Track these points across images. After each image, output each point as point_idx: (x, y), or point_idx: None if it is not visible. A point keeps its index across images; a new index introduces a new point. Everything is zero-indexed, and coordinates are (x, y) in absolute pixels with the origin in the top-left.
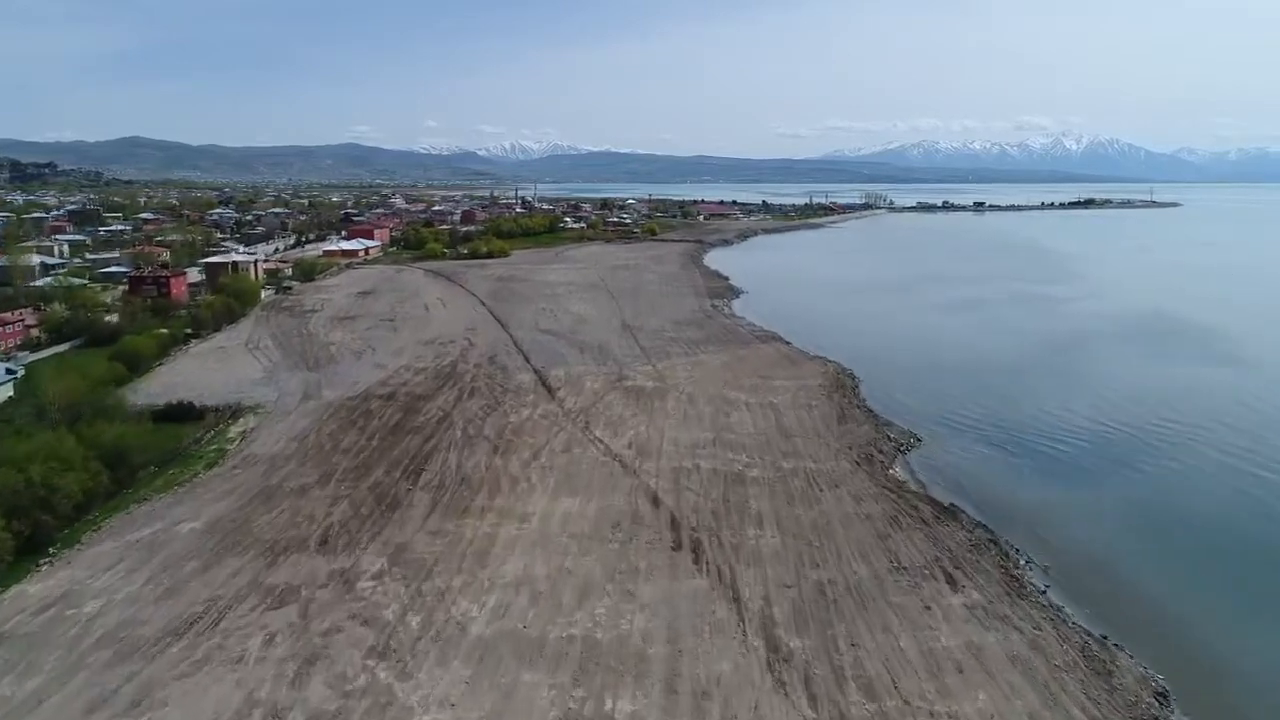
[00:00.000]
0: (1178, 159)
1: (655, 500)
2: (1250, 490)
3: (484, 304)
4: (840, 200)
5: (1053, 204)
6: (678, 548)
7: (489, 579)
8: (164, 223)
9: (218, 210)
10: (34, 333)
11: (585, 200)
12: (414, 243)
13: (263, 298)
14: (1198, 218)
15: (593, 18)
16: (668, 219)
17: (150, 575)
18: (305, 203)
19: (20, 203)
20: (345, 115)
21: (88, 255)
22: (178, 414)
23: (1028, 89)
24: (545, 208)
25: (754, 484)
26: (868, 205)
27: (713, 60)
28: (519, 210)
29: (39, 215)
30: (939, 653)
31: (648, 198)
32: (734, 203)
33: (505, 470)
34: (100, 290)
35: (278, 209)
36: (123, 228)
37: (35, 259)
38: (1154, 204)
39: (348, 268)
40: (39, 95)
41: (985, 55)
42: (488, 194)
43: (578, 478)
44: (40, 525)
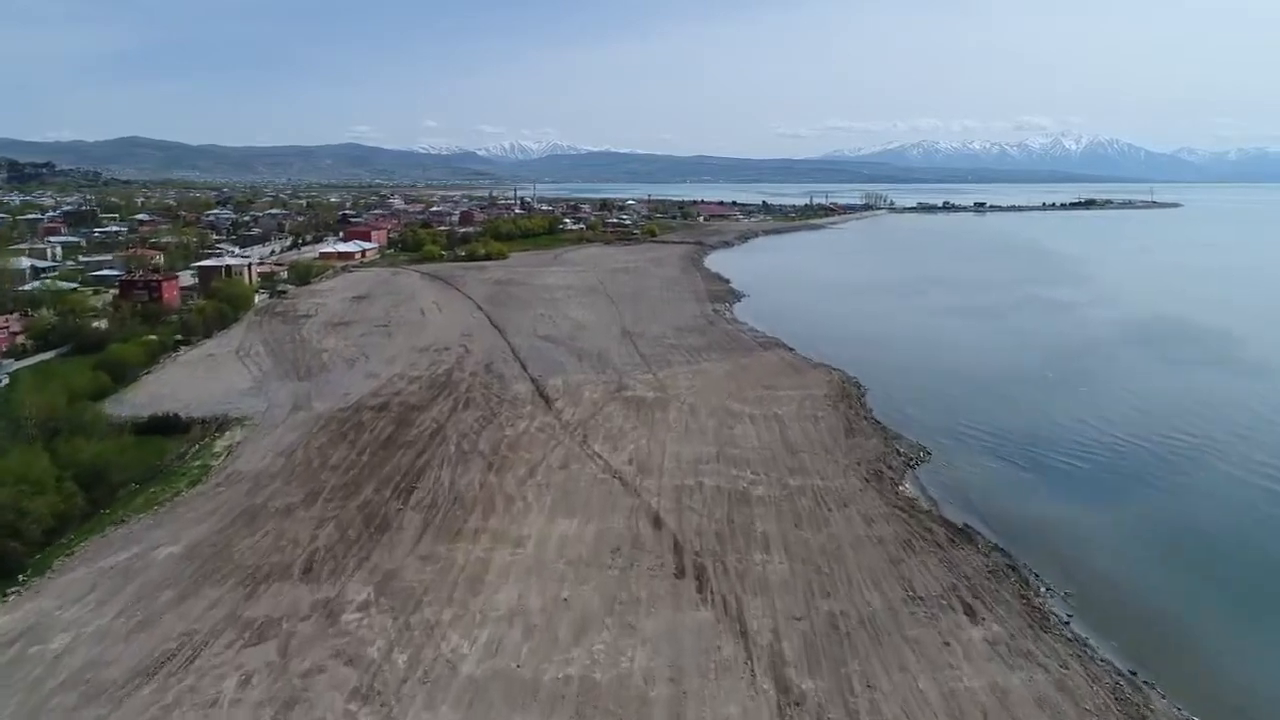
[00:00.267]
0: (1178, 159)
1: (657, 521)
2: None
3: (481, 309)
4: (840, 201)
5: (1054, 205)
6: (681, 575)
7: (481, 611)
8: (160, 224)
9: (215, 211)
10: (20, 339)
11: (585, 201)
12: (411, 244)
13: (256, 302)
14: (1199, 218)
15: (593, 18)
16: (668, 220)
17: (123, 607)
18: (303, 203)
19: (17, 203)
20: (345, 115)
21: (81, 258)
22: (163, 426)
23: (1027, 89)
24: (544, 208)
25: (759, 503)
26: (868, 206)
27: (713, 60)
28: (518, 211)
29: (34, 216)
30: (961, 695)
31: (647, 198)
32: (734, 203)
33: (500, 488)
34: (91, 294)
35: (275, 210)
36: (118, 229)
37: (25, 262)
38: (1155, 204)
39: (344, 270)
40: (38, 95)
41: (985, 55)
42: (487, 194)
43: (575, 496)
44: (8, 552)
